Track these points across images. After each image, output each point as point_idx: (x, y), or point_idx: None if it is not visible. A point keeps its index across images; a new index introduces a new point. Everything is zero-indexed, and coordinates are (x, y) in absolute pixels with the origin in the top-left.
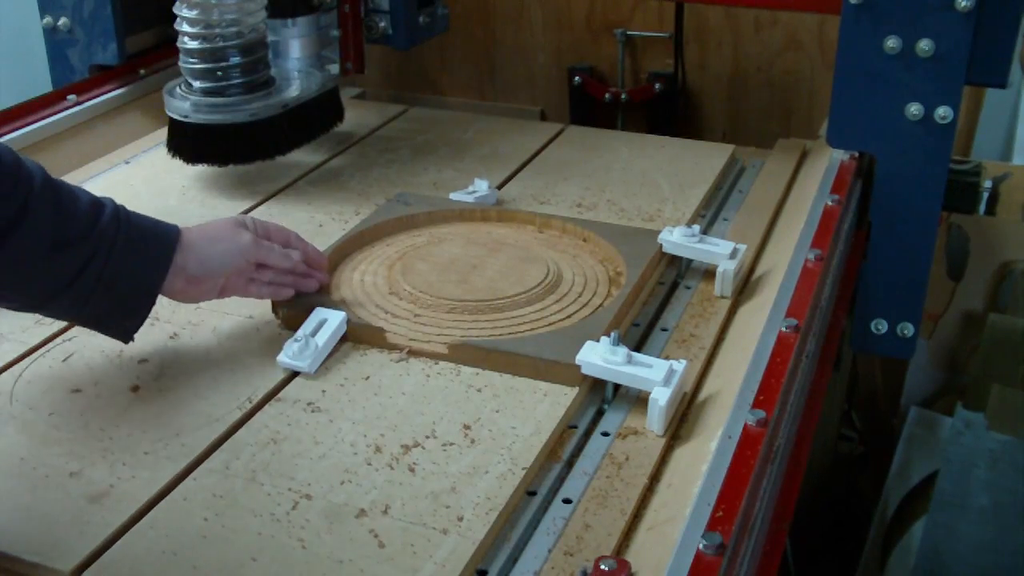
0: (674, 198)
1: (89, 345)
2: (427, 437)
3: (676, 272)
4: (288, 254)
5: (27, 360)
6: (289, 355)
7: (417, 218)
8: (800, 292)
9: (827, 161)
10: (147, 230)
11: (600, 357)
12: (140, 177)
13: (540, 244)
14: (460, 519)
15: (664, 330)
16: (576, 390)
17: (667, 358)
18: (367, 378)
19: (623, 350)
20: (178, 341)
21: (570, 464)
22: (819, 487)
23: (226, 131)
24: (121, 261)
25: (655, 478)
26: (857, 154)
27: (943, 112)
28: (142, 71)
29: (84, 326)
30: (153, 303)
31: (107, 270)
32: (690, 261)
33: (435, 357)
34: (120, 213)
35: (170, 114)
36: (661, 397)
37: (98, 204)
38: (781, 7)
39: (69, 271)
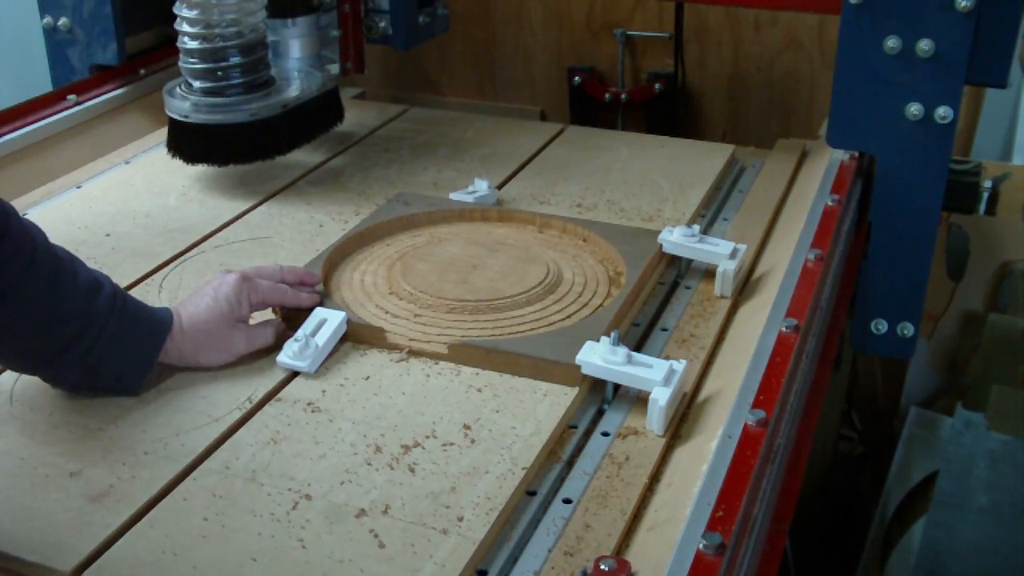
0: (674, 198)
1: None
2: (427, 437)
3: (676, 272)
4: (277, 287)
5: None
6: (289, 355)
7: (417, 218)
8: (800, 292)
9: (827, 161)
10: (140, 320)
11: (600, 357)
12: (140, 177)
13: (540, 244)
14: (460, 519)
15: (664, 330)
16: (576, 390)
17: (667, 358)
18: (367, 378)
19: (623, 350)
20: None
21: (570, 464)
22: (819, 487)
23: (226, 131)
24: (107, 349)
25: (655, 478)
26: (857, 154)
27: (943, 112)
28: (142, 71)
29: None
30: (135, 391)
31: (91, 355)
32: (690, 261)
33: (435, 357)
34: (116, 298)
35: (170, 114)
36: (661, 397)
37: (95, 284)
38: (781, 7)
39: (52, 349)
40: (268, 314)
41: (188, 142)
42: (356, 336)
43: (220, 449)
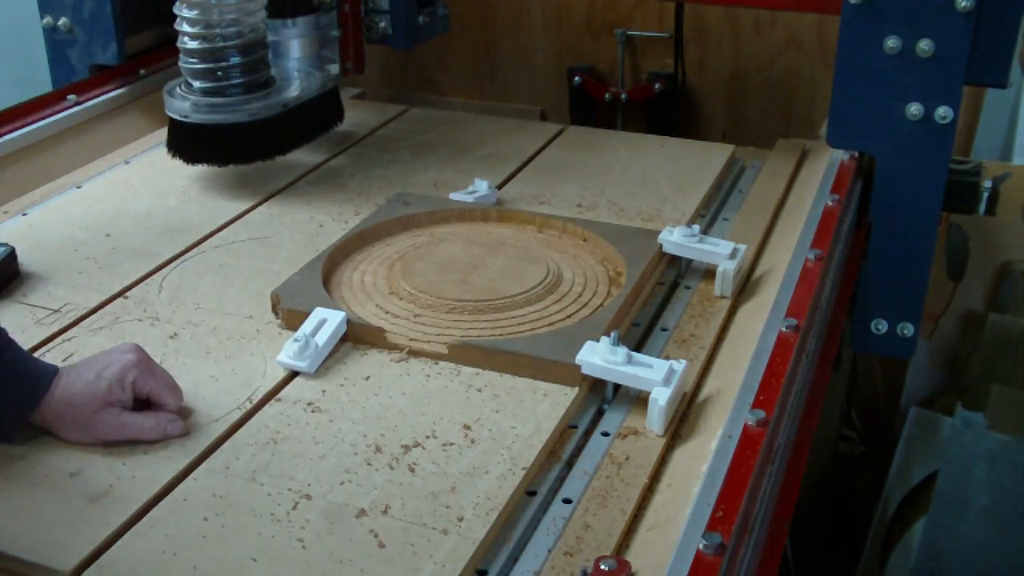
0: (674, 198)
1: (89, 345)
2: (427, 437)
3: (676, 272)
4: (167, 386)
5: None
6: (289, 355)
7: (417, 218)
8: (800, 292)
9: (827, 161)
10: (15, 374)
11: (600, 357)
12: (140, 177)
13: (540, 244)
14: (460, 519)
15: (664, 330)
16: (576, 390)
17: (667, 358)
18: (367, 378)
19: (623, 350)
20: (178, 341)
21: (570, 464)
22: (819, 487)
23: (226, 131)
24: None
25: (655, 478)
26: (857, 154)
27: (943, 112)
28: (142, 71)
29: None
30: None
31: None
32: (690, 261)
33: (435, 357)
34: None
35: (170, 114)
36: (661, 397)
37: None
38: (781, 7)
39: None
40: (268, 312)
41: (188, 142)
42: (356, 336)
43: (220, 449)
